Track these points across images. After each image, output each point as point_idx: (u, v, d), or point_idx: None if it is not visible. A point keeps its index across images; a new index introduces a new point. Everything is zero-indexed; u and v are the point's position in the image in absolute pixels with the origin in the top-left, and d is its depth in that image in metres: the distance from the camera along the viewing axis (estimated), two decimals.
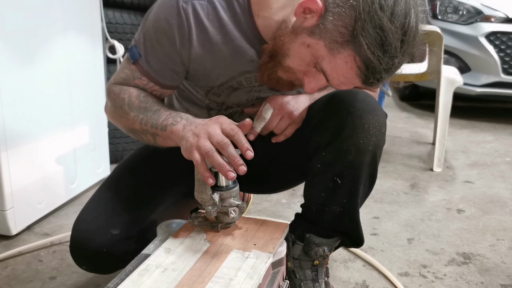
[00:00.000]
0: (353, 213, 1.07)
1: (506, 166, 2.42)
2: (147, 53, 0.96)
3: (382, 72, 0.81)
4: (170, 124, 0.92)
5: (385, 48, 0.78)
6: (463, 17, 3.47)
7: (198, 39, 0.95)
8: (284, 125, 1.07)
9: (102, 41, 1.91)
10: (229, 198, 0.92)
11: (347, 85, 0.87)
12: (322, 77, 0.88)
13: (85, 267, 1.06)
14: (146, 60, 0.96)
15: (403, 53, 0.81)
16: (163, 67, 0.97)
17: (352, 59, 0.81)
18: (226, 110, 1.11)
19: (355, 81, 0.84)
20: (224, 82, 1.02)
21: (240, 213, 0.94)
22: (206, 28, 0.95)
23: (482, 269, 1.38)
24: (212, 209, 0.89)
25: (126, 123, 0.99)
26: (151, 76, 0.98)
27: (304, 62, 0.87)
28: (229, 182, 0.93)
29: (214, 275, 0.79)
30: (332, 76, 0.85)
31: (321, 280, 1.11)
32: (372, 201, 1.86)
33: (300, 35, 0.85)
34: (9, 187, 1.44)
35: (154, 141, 0.97)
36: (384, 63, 0.79)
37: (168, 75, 0.99)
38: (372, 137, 0.97)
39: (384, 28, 0.77)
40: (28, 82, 1.48)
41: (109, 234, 1.01)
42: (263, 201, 1.83)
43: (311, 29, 0.83)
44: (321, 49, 0.83)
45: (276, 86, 0.98)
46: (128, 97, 0.97)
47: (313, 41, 0.84)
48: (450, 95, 2.40)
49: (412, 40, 0.81)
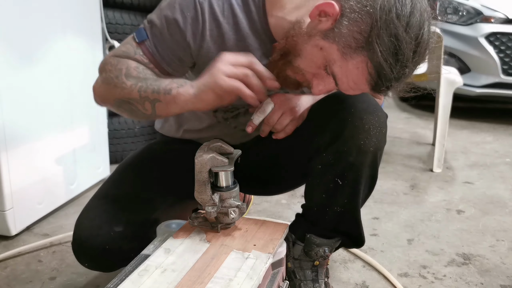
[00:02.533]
0: (354, 214, 1.07)
1: (506, 167, 2.42)
2: (154, 36, 0.95)
3: (393, 80, 0.82)
4: (175, 87, 0.89)
5: (398, 57, 0.79)
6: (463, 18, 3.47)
7: (211, 34, 0.95)
8: (285, 122, 1.07)
9: (102, 41, 1.91)
10: (229, 198, 0.92)
11: (356, 90, 0.87)
12: (331, 81, 0.88)
13: (87, 264, 1.06)
14: (153, 43, 0.95)
15: (414, 64, 0.82)
16: (169, 54, 0.95)
17: (364, 65, 0.81)
18: (232, 111, 1.11)
19: (364, 87, 0.85)
20: None
21: (240, 214, 0.94)
22: (221, 25, 0.95)
23: (482, 269, 1.38)
24: (212, 209, 0.89)
25: (120, 94, 0.93)
26: (154, 59, 0.95)
27: (315, 64, 0.88)
28: (229, 182, 0.93)
29: (214, 276, 0.79)
30: (342, 81, 0.86)
31: (321, 280, 1.11)
32: (372, 202, 1.86)
33: (314, 37, 0.86)
34: (9, 187, 1.44)
35: (152, 110, 0.92)
36: (396, 71, 0.80)
37: (171, 62, 0.97)
38: (373, 138, 0.97)
39: (399, 37, 0.78)
40: (28, 82, 1.48)
41: (111, 231, 1.02)
42: (263, 201, 1.83)
43: (325, 32, 0.84)
44: (334, 53, 0.83)
45: (283, 84, 0.98)
46: (126, 68, 0.93)
47: (327, 44, 0.84)
48: (450, 95, 2.40)
49: (423, 51, 0.82)
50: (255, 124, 1.06)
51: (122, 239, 1.02)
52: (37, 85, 1.53)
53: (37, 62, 1.52)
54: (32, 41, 1.49)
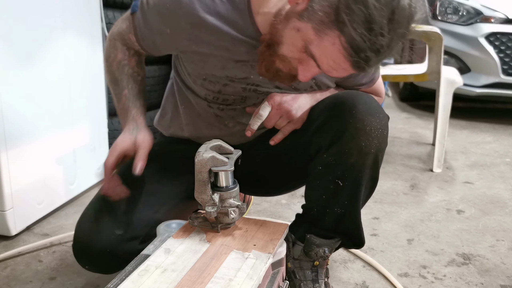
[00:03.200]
0: (354, 215, 1.07)
1: (506, 167, 2.42)
2: (143, 13, 1.02)
3: (367, 51, 0.78)
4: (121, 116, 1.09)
5: (371, 26, 0.76)
6: (463, 18, 3.47)
7: (188, 28, 0.97)
8: (282, 124, 1.07)
9: (102, 41, 1.91)
10: (229, 198, 0.92)
11: (338, 70, 0.85)
12: (314, 65, 0.87)
13: (88, 267, 1.06)
14: (139, 17, 1.03)
15: (392, 33, 0.78)
16: (148, 33, 1.03)
17: (337, 40, 0.79)
18: (227, 105, 1.11)
19: (345, 65, 0.83)
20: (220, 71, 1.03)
21: (240, 214, 0.94)
22: (202, 19, 0.96)
23: (482, 269, 1.38)
24: (212, 209, 0.89)
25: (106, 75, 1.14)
26: (138, 37, 1.05)
27: (296, 48, 0.87)
28: (229, 182, 0.93)
29: (214, 276, 0.79)
30: (322, 61, 0.84)
31: (321, 280, 1.11)
32: (372, 202, 1.86)
33: (291, 20, 0.86)
34: (9, 187, 1.44)
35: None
36: (370, 42, 0.77)
37: (149, 42, 1.05)
38: (374, 139, 0.97)
39: (368, 4, 0.75)
40: (28, 82, 1.48)
41: (113, 234, 1.01)
42: (263, 201, 1.83)
43: (300, 13, 0.83)
44: (309, 32, 0.82)
45: (277, 78, 0.98)
46: (113, 58, 1.09)
47: (302, 24, 0.83)
48: (450, 95, 2.40)
49: (402, 20, 0.78)
50: (253, 129, 1.07)
51: (123, 242, 1.01)
52: (37, 85, 1.53)
53: (37, 62, 1.52)
54: (32, 41, 1.49)
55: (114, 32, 1.10)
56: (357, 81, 1.13)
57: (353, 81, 1.13)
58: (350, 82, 1.13)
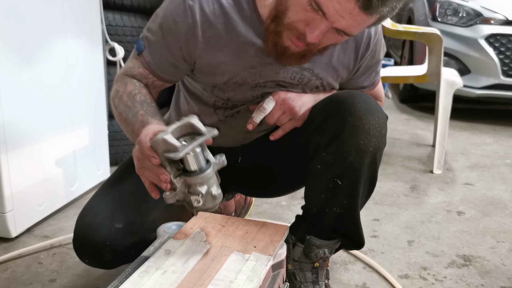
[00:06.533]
0: (353, 215, 1.07)
1: (506, 168, 2.42)
2: (151, 46, 1.01)
3: None
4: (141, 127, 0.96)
5: None
6: (462, 19, 3.47)
7: (204, 35, 0.98)
8: (284, 121, 1.07)
9: (102, 43, 1.91)
10: (195, 185, 0.83)
11: (345, 16, 0.84)
12: (321, 19, 0.86)
13: (87, 261, 1.06)
14: (149, 52, 1.01)
15: None
16: (164, 62, 1.01)
17: None
18: (232, 108, 1.11)
19: (353, 10, 0.82)
20: (230, 78, 1.03)
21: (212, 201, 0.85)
22: (213, 25, 0.97)
23: (482, 271, 1.38)
24: (169, 195, 0.83)
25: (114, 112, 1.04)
26: (151, 68, 1.02)
27: (301, 7, 0.86)
28: (201, 165, 0.83)
29: (214, 278, 0.79)
30: (328, 7, 0.83)
31: (321, 282, 1.11)
32: (372, 203, 1.86)
33: None
34: (9, 189, 1.44)
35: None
36: None
37: (167, 69, 1.02)
38: (373, 138, 0.97)
39: None
40: (28, 84, 1.48)
41: (112, 227, 1.02)
42: (263, 203, 1.83)
43: None
44: None
45: (285, 58, 0.97)
46: (122, 92, 1.01)
47: None
48: (450, 97, 2.40)
49: None
50: (255, 122, 1.07)
51: (122, 236, 1.02)
52: (37, 87, 1.53)
53: (38, 63, 1.52)
54: (33, 43, 1.50)
55: (121, 73, 1.05)
56: (358, 83, 1.14)
57: (355, 84, 1.14)
58: (352, 85, 1.14)
